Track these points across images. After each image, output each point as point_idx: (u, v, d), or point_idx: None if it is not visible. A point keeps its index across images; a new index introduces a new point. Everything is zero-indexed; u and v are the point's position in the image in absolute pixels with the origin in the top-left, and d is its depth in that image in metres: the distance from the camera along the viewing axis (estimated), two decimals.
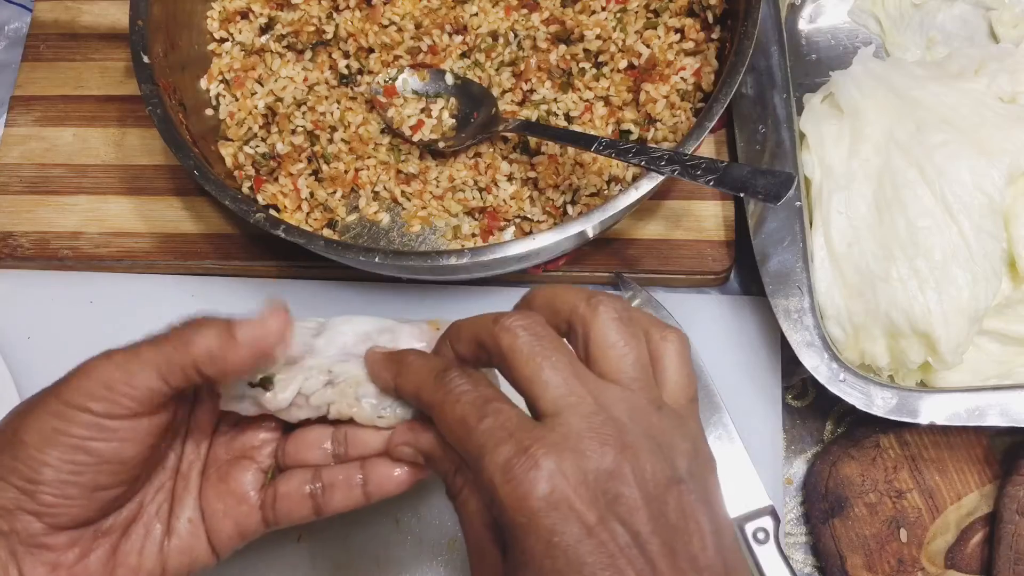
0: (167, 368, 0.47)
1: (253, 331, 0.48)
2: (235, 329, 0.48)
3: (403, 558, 0.71)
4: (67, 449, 0.46)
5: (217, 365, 0.48)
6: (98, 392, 0.47)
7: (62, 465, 0.46)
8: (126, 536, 0.51)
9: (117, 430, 0.47)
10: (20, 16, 0.96)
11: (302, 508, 0.52)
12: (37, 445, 0.46)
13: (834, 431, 0.77)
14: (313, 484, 0.52)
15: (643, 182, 0.67)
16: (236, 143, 0.81)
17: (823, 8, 0.89)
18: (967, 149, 0.71)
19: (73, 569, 0.49)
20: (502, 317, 0.46)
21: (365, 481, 0.51)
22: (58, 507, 0.47)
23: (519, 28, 0.82)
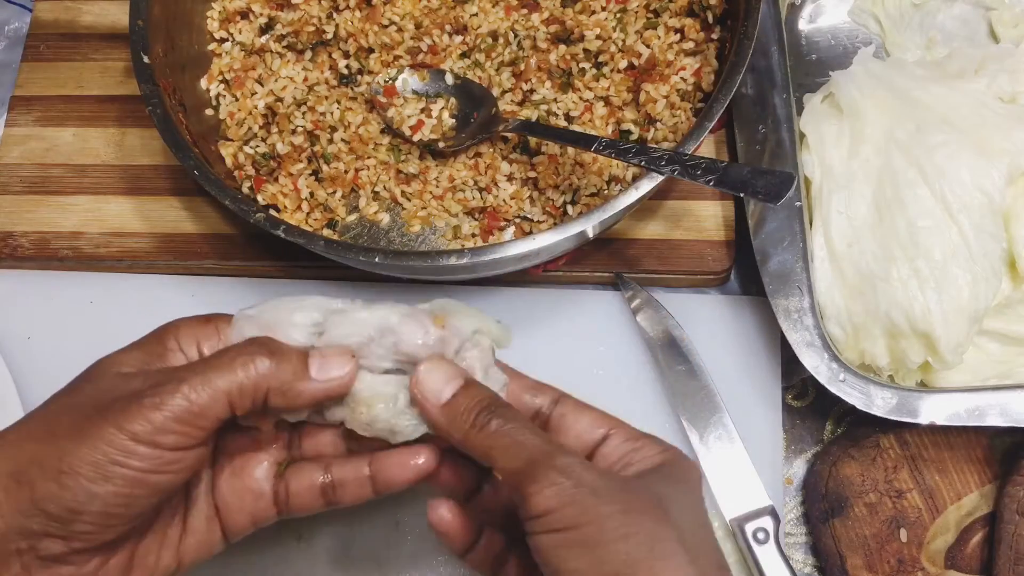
0: (239, 398, 0.47)
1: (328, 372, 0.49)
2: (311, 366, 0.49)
3: (403, 558, 0.71)
4: (123, 483, 0.45)
5: (288, 401, 0.49)
6: (169, 426, 0.45)
7: (113, 499, 0.45)
8: (143, 539, 0.50)
9: (179, 461, 0.47)
10: (20, 16, 0.96)
11: (315, 502, 0.53)
12: (91, 478, 0.44)
13: (834, 431, 0.77)
14: (324, 478, 0.53)
15: (643, 182, 0.67)
16: (236, 143, 0.81)
17: (823, 8, 0.89)
18: (967, 149, 0.71)
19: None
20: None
21: (373, 476, 0.52)
22: (92, 534, 0.46)
23: (519, 28, 0.82)
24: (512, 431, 0.48)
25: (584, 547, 0.44)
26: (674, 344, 0.74)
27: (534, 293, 0.80)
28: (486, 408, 0.49)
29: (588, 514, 0.44)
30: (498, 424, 0.48)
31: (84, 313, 0.80)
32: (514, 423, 0.48)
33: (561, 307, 0.79)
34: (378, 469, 0.52)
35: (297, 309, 0.52)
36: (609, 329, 0.78)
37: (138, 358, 0.50)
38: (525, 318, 0.79)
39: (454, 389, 0.50)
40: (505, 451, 0.47)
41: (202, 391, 0.46)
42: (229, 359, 0.48)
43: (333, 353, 0.50)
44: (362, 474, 0.52)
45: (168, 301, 0.80)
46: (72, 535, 0.45)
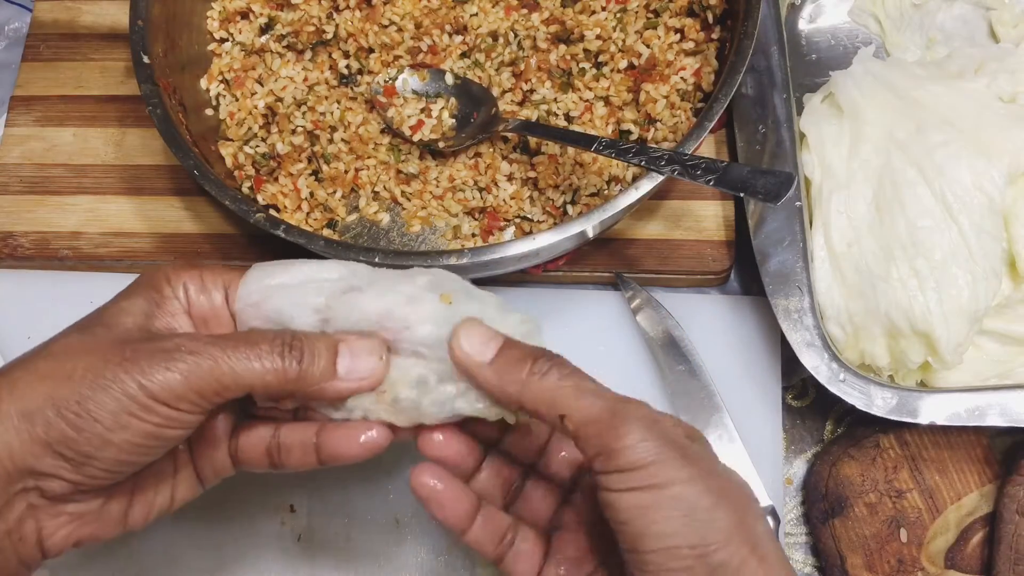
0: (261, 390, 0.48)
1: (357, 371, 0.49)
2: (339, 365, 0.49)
3: (403, 558, 0.71)
4: (139, 435, 0.46)
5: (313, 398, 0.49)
6: (189, 396, 0.46)
7: (128, 447, 0.46)
8: (141, 479, 0.51)
9: (192, 422, 0.47)
10: (20, 16, 0.96)
11: (260, 460, 0.53)
12: (108, 426, 0.45)
13: (834, 431, 0.77)
14: (271, 442, 0.53)
15: (643, 182, 0.67)
16: (236, 143, 0.81)
17: (823, 8, 0.89)
18: (967, 149, 0.71)
19: (95, 516, 0.49)
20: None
21: (319, 445, 0.52)
22: (100, 479, 0.47)
23: (519, 28, 0.82)
24: (578, 380, 0.46)
25: (677, 510, 0.43)
26: (674, 344, 0.74)
27: (534, 293, 0.80)
28: (543, 356, 0.47)
29: (680, 473, 0.43)
30: (560, 372, 0.46)
31: (84, 313, 0.80)
32: (577, 373, 0.47)
33: (561, 307, 0.79)
34: (325, 439, 0.51)
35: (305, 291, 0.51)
36: (609, 329, 0.78)
37: (140, 306, 0.50)
38: None
39: (496, 346, 0.48)
40: (577, 400, 0.45)
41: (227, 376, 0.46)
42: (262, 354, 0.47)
43: (362, 349, 0.49)
44: (308, 441, 0.52)
45: None
46: (80, 480, 0.46)
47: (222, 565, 0.71)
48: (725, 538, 0.43)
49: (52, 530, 0.47)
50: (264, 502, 0.72)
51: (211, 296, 0.53)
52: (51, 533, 0.47)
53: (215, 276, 0.53)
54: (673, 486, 0.43)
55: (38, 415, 0.45)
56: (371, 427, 0.51)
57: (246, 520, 0.72)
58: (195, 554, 0.71)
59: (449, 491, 0.50)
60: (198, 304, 0.52)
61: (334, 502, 0.72)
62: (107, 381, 0.45)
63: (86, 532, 0.48)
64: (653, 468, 0.43)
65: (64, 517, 0.47)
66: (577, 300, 0.79)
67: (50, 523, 0.47)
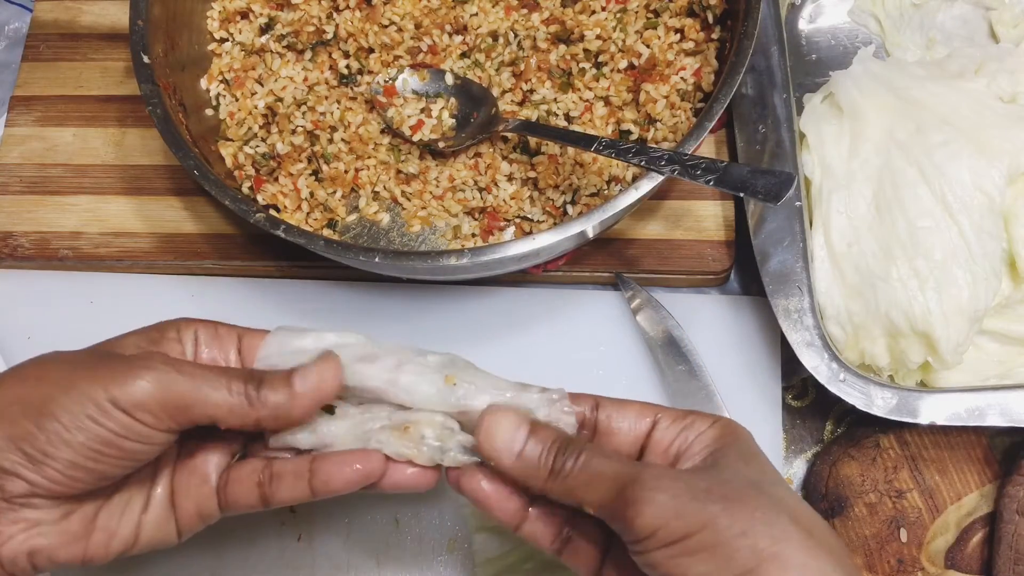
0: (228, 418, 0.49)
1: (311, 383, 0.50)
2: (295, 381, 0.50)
3: (403, 558, 0.71)
4: (96, 440, 0.46)
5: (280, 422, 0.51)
6: (153, 408, 0.47)
7: (84, 451, 0.47)
8: (108, 502, 0.51)
9: (152, 437, 0.48)
10: (20, 16, 0.96)
11: (250, 496, 0.53)
12: (68, 425, 0.46)
13: (834, 431, 0.77)
14: (263, 473, 0.53)
15: (643, 182, 0.66)
16: (236, 143, 0.80)
17: (823, 8, 0.89)
18: (967, 149, 0.71)
19: (53, 527, 0.49)
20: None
21: (312, 475, 0.52)
22: (57, 482, 0.47)
23: (519, 28, 0.82)
24: (588, 465, 0.48)
25: (705, 551, 0.44)
26: (674, 344, 0.74)
27: (534, 293, 0.80)
28: (559, 451, 0.49)
29: (697, 519, 0.45)
30: (572, 464, 0.48)
31: (84, 313, 0.80)
32: (586, 455, 0.48)
33: (561, 307, 0.79)
34: (319, 467, 0.52)
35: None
36: (609, 329, 0.78)
37: (135, 341, 0.52)
38: (525, 318, 0.79)
39: (524, 437, 0.50)
40: (589, 487, 0.48)
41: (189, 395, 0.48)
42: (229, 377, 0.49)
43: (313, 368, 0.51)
44: (301, 470, 0.52)
45: (168, 301, 0.80)
46: (37, 481, 0.47)
47: (222, 565, 0.71)
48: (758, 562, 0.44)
49: (7, 535, 0.48)
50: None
51: (224, 349, 0.54)
52: (6, 538, 0.48)
53: (229, 331, 0.55)
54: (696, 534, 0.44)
55: (6, 412, 0.47)
56: (367, 456, 0.52)
57: (246, 520, 0.72)
58: (195, 553, 0.71)
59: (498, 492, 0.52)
60: (205, 352, 0.54)
61: (334, 502, 0.72)
62: (73, 384, 0.47)
63: (40, 543, 0.48)
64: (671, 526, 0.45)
65: (21, 524, 0.48)
66: (577, 300, 0.79)
67: (7, 528, 0.47)
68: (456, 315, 0.79)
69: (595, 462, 0.48)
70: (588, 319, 0.78)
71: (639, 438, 0.52)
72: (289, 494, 0.52)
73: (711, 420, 0.52)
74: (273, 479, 0.52)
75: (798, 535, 0.45)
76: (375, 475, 0.52)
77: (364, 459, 0.52)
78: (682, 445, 0.51)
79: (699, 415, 0.52)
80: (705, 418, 0.52)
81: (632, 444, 0.52)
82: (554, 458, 0.49)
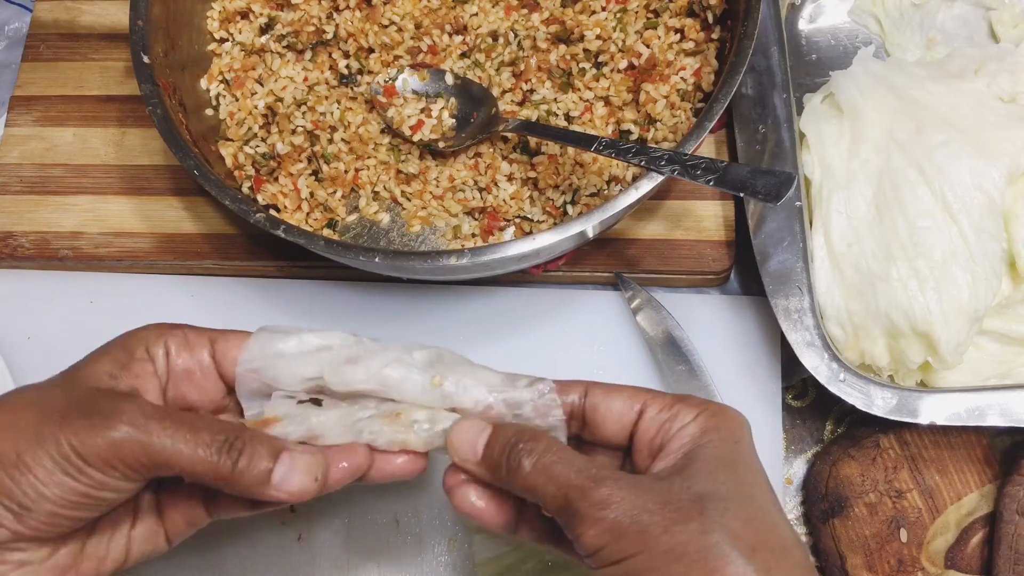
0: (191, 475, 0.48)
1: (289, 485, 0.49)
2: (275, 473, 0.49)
3: (403, 558, 0.71)
4: (72, 493, 0.46)
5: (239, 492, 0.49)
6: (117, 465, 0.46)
7: (62, 502, 0.46)
8: (95, 531, 0.51)
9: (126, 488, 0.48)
10: (20, 16, 0.96)
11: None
12: (44, 480, 0.45)
13: (834, 431, 0.77)
14: None
15: (643, 182, 0.66)
16: (236, 143, 0.80)
17: (823, 8, 0.89)
18: (967, 149, 0.71)
19: (42, 565, 0.48)
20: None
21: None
22: (41, 531, 0.47)
23: (519, 28, 0.82)
24: (545, 466, 0.48)
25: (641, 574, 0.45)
26: (674, 344, 0.74)
27: (534, 293, 0.80)
28: (513, 447, 0.49)
29: (637, 543, 0.45)
30: (530, 462, 0.48)
31: (84, 313, 0.80)
32: (545, 455, 0.48)
33: (561, 307, 0.79)
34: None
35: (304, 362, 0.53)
36: (609, 329, 0.78)
37: (105, 367, 0.51)
38: (525, 318, 0.79)
39: (485, 439, 0.50)
40: (544, 490, 0.48)
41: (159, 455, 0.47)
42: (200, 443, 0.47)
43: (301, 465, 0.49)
44: None
45: (168, 301, 0.80)
46: (19, 530, 0.46)
47: (222, 565, 0.71)
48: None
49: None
50: None
51: (196, 354, 0.53)
52: None
53: (199, 335, 0.54)
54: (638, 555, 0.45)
55: None
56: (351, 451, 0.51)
57: (246, 520, 0.72)
58: (195, 553, 0.71)
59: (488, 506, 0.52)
60: (179, 362, 0.53)
61: (334, 502, 0.72)
62: (43, 437, 0.46)
63: None
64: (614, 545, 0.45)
65: (9, 565, 0.47)
66: (577, 300, 0.79)
67: None
68: (456, 315, 0.79)
69: (551, 465, 0.48)
70: (588, 319, 0.78)
71: (627, 427, 0.52)
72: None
73: (696, 411, 0.51)
74: None
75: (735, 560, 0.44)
76: (362, 469, 0.52)
77: (349, 455, 0.51)
78: (664, 438, 0.50)
79: (687, 403, 0.51)
80: (691, 408, 0.51)
81: (620, 433, 0.52)
82: (509, 455, 0.49)
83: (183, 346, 0.53)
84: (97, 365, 0.51)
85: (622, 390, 0.53)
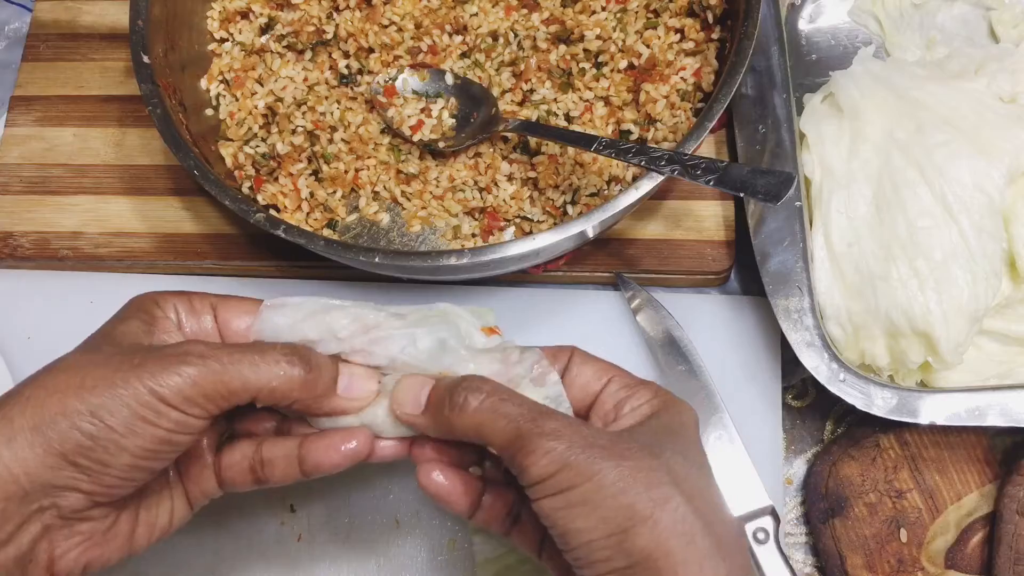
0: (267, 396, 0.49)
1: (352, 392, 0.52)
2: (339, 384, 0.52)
3: (403, 558, 0.71)
4: (152, 440, 0.46)
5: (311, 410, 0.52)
6: (198, 400, 0.47)
7: (141, 453, 0.46)
8: (147, 497, 0.52)
9: (201, 426, 0.48)
10: (20, 16, 0.96)
11: (244, 479, 0.54)
12: (122, 431, 0.45)
13: (834, 431, 0.77)
14: (255, 458, 0.53)
15: (643, 182, 0.67)
16: (236, 143, 0.80)
17: (823, 8, 0.89)
18: (967, 149, 0.71)
19: (106, 535, 0.49)
20: None
21: (302, 457, 0.52)
22: (116, 488, 0.47)
23: (519, 28, 0.82)
24: (493, 404, 0.48)
25: (586, 505, 0.45)
26: (674, 344, 0.74)
27: (534, 293, 0.80)
28: (458, 386, 0.49)
29: (584, 473, 0.45)
30: (476, 400, 0.48)
31: (84, 313, 0.80)
32: (493, 396, 0.49)
33: (561, 307, 0.79)
34: (308, 450, 0.52)
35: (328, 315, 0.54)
36: (609, 329, 0.78)
37: (136, 327, 0.51)
38: (525, 318, 0.79)
39: (427, 391, 0.51)
40: (492, 426, 0.48)
41: (236, 380, 0.47)
42: (270, 361, 0.49)
43: (361, 375, 0.52)
44: (291, 453, 0.53)
45: None
46: (95, 491, 0.46)
47: (222, 564, 0.71)
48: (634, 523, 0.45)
49: (64, 552, 0.48)
50: (264, 502, 0.72)
51: (200, 319, 0.54)
52: (62, 555, 0.48)
53: (203, 300, 0.54)
54: (581, 486, 0.45)
55: (51, 427, 0.45)
56: (353, 436, 0.52)
57: (246, 520, 0.72)
58: (195, 553, 0.71)
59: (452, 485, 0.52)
60: (188, 326, 0.53)
61: (334, 502, 0.72)
62: (119, 388, 0.46)
63: (95, 554, 0.49)
64: (561, 475, 0.46)
65: (77, 538, 0.48)
66: (577, 300, 0.79)
67: (63, 544, 0.47)
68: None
69: (500, 403, 0.48)
70: (588, 319, 0.78)
71: (590, 396, 0.53)
72: (281, 476, 0.53)
73: (654, 393, 0.52)
74: (265, 465, 0.53)
75: (677, 499, 0.45)
76: (363, 453, 0.52)
77: (351, 438, 0.52)
78: (619, 412, 0.52)
79: (647, 386, 0.53)
80: (650, 390, 0.52)
81: (583, 401, 0.53)
82: (452, 394, 0.49)
83: (189, 311, 0.54)
84: (125, 326, 0.51)
85: (596, 362, 0.54)
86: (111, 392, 0.45)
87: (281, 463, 0.53)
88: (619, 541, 0.45)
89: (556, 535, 0.47)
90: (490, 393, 0.49)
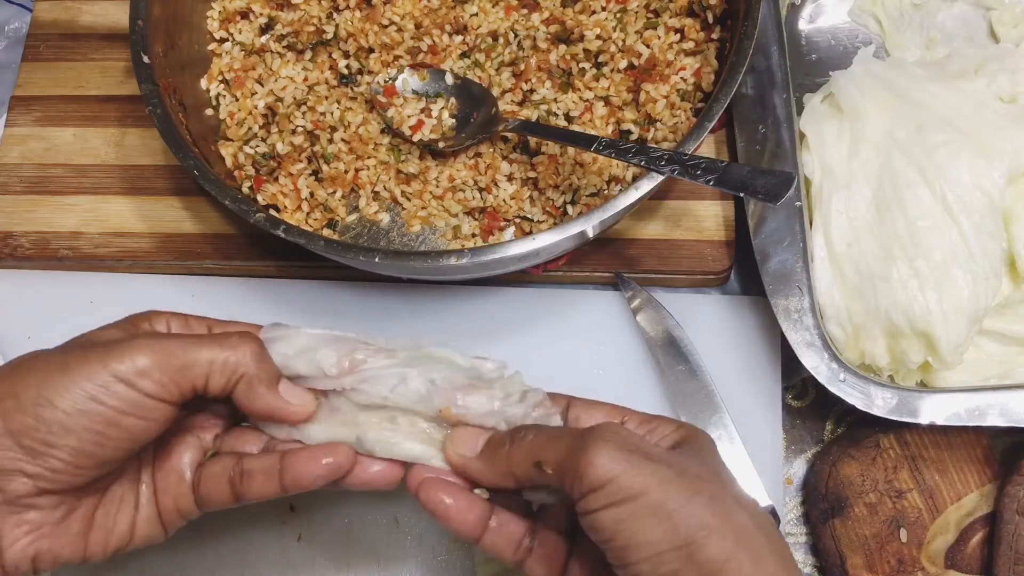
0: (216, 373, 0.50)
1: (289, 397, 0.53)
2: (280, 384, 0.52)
3: (403, 558, 0.71)
4: (99, 421, 0.46)
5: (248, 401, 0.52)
6: (153, 374, 0.47)
7: (87, 435, 0.46)
8: (104, 500, 0.51)
9: (153, 411, 0.48)
10: (20, 16, 0.96)
11: (222, 493, 0.53)
12: (69, 411, 0.46)
13: (834, 431, 0.77)
14: (234, 471, 0.53)
15: (643, 182, 0.66)
16: (236, 143, 0.80)
17: (823, 8, 0.89)
18: (967, 149, 0.71)
19: (56, 528, 0.49)
20: None
21: (282, 472, 0.52)
22: (62, 473, 0.47)
23: (519, 28, 0.82)
24: (548, 431, 0.49)
25: (654, 516, 0.44)
26: (674, 344, 0.74)
27: (534, 293, 0.80)
28: (517, 430, 0.51)
29: (649, 480, 0.44)
30: (534, 432, 0.49)
31: (84, 313, 0.80)
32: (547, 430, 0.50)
33: (561, 307, 0.79)
34: (289, 462, 0.52)
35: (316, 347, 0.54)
36: (609, 329, 0.78)
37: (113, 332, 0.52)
38: (525, 318, 0.79)
39: (484, 440, 0.52)
40: (549, 446, 0.48)
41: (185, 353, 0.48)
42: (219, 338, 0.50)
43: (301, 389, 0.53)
44: (272, 465, 0.52)
45: (168, 301, 0.79)
46: (41, 474, 0.46)
47: (222, 564, 0.71)
48: (706, 533, 0.43)
49: (12, 539, 0.47)
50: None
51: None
52: (11, 543, 0.47)
53: (200, 323, 0.56)
54: (647, 494, 0.44)
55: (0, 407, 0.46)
56: (335, 450, 0.52)
57: (246, 519, 0.72)
58: (195, 553, 0.71)
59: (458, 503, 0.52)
60: None
61: (334, 502, 0.72)
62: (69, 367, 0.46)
63: (44, 546, 0.48)
64: (622, 479, 0.44)
65: (25, 527, 0.48)
66: (577, 300, 0.79)
67: (11, 533, 0.47)
68: (456, 315, 0.79)
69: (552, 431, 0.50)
70: (588, 319, 0.78)
71: None
72: (261, 491, 0.53)
73: (676, 425, 0.52)
74: (244, 477, 0.52)
75: (741, 513, 0.45)
76: (344, 468, 0.52)
77: (332, 453, 0.52)
78: None
79: (665, 419, 0.53)
80: (670, 422, 0.52)
81: None
82: (511, 435, 0.50)
83: (184, 329, 0.54)
84: (104, 332, 0.52)
85: (603, 405, 0.54)
86: (60, 370, 0.46)
87: (260, 476, 0.52)
88: (689, 553, 0.43)
89: (615, 548, 0.45)
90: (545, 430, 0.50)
